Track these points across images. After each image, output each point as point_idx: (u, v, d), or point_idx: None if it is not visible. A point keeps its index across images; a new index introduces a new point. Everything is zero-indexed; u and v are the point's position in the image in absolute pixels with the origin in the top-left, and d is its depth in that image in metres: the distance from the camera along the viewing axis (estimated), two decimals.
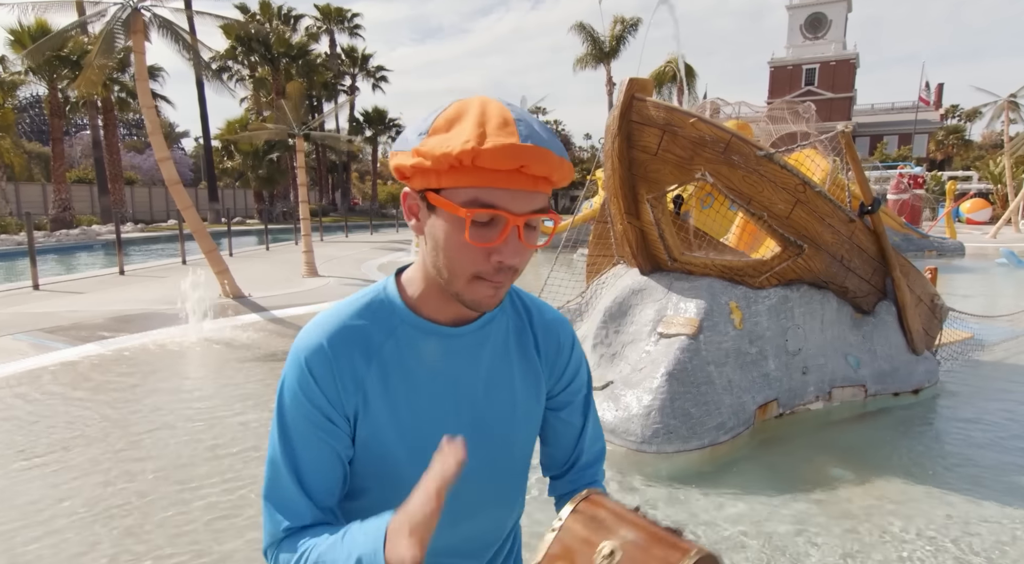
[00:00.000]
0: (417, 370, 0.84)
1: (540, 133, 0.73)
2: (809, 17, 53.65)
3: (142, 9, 8.25)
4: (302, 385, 0.81)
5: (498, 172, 0.70)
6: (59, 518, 2.93)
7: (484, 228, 0.74)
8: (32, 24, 23.04)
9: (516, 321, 0.94)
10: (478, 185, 0.71)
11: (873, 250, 4.49)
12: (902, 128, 52.94)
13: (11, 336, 6.51)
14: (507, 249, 0.74)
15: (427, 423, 0.85)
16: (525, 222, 0.74)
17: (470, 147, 0.68)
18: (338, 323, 0.83)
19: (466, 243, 0.74)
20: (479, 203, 0.72)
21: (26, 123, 43.50)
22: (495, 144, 0.69)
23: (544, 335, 0.96)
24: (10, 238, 19.46)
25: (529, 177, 0.72)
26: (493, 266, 0.75)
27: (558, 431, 1.02)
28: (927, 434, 4.16)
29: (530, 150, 0.70)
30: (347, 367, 0.81)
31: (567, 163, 0.75)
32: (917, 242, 16.63)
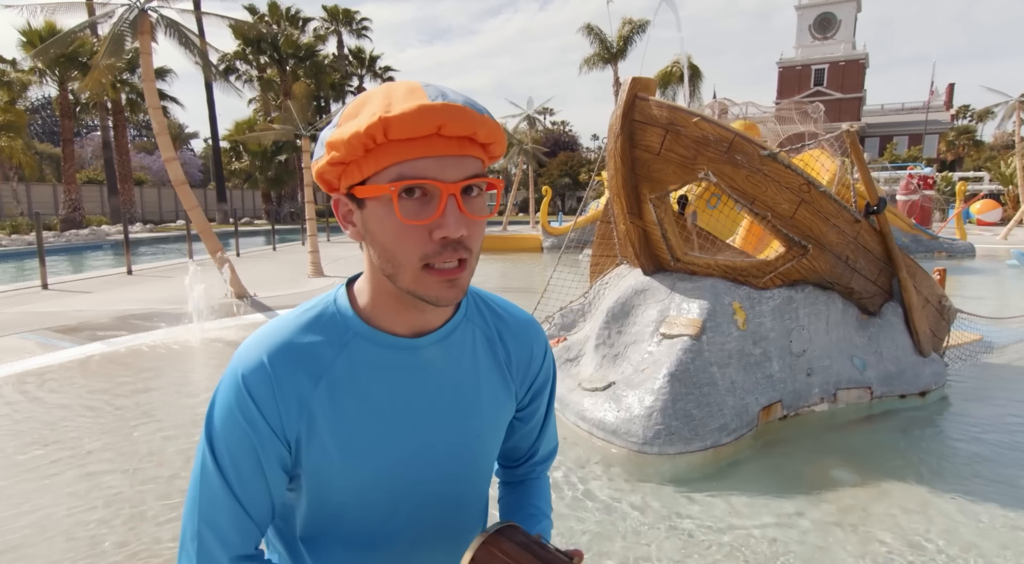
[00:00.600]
0: (372, 388, 0.77)
1: (453, 95, 0.68)
2: (818, 17, 53.38)
3: (149, 10, 8.31)
4: (240, 406, 0.73)
5: (415, 141, 0.66)
6: (63, 513, 2.94)
7: (417, 203, 0.68)
8: (42, 26, 23.29)
9: (484, 330, 0.88)
10: (399, 160, 0.66)
11: (879, 251, 4.44)
12: (912, 129, 52.54)
13: (18, 335, 6.56)
14: (448, 221, 0.67)
15: (383, 447, 0.78)
16: (461, 189, 0.68)
17: (377, 118, 0.64)
18: (282, 339, 0.75)
19: (402, 225, 0.68)
20: (403, 177, 0.67)
21: (38, 124, 43.93)
22: (403, 109, 0.64)
23: (515, 344, 0.90)
24: (21, 238, 19.65)
25: (452, 140, 0.67)
26: (438, 244, 0.68)
27: (518, 433, 0.98)
28: (934, 437, 4.11)
29: (442, 108, 0.65)
30: (291, 389, 0.74)
31: (492, 121, 0.69)
32: (927, 243, 16.47)
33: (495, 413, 0.87)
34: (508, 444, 1.00)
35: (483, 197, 0.72)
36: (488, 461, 0.90)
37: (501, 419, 0.89)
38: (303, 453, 0.76)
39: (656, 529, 2.88)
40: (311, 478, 0.78)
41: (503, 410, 0.89)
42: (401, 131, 0.64)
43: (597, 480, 3.37)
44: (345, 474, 0.77)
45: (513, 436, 0.98)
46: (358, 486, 0.79)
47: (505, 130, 20.48)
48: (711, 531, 2.86)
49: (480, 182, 0.70)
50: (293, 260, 15.00)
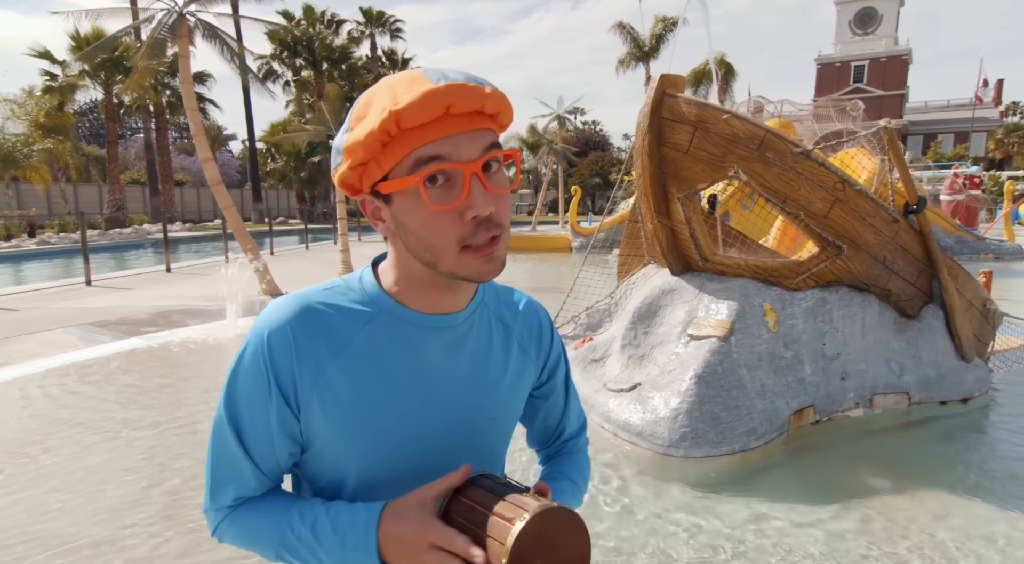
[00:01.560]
0: (392, 362, 0.79)
1: (454, 74, 0.69)
2: (859, 12, 51.90)
3: (187, 14, 8.54)
4: (258, 364, 0.75)
5: (427, 125, 0.67)
6: (106, 498, 3.04)
7: (442, 189, 0.69)
8: (90, 32, 24.21)
9: (497, 312, 0.90)
10: (416, 146, 0.68)
11: (919, 251, 4.28)
12: (958, 126, 50.69)
13: (62, 329, 6.82)
14: (475, 200, 0.69)
15: (396, 420, 0.79)
16: (482, 165, 0.69)
17: (387, 112, 0.66)
18: (307, 307, 0.77)
19: (432, 211, 0.69)
20: (423, 161, 0.68)
21: (85, 127, 45.61)
22: (409, 98, 0.65)
23: (526, 323, 0.93)
24: (68, 236, 20.42)
25: (462, 117, 0.68)
26: (471, 224, 0.69)
27: (543, 412, 1.00)
28: (975, 445, 3.94)
29: (447, 89, 0.66)
30: (309, 356, 0.75)
31: (496, 91, 0.70)
32: (972, 244, 15.86)
33: (511, 393, 0.89)
34: (536, 425, 1.03)
35: (502, 170, 0.74)
36: (500, 443, 0.91)
37: (517, 399, 0.90)
38: (315, 420, 0.77)
39: (680, 533, 2.82)
40: (325, 445, 0.79)
41: (520, 389, 0.90)
42: (412, 119, 0.66)
43: (621, 482, 3.32)
44: (357, 444, 0.79)
45: (538, 416, 1.00)
46: (368, 456, 0.79)
47: (535, 130, 20.39)
48: (736, 537, 2.79)
49: (498, 155, 0.71)
50: (325, 259, 15.25)
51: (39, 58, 25.01)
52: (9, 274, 14.27)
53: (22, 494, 3.15)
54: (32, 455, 3.61)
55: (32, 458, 3.58)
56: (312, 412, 0.76)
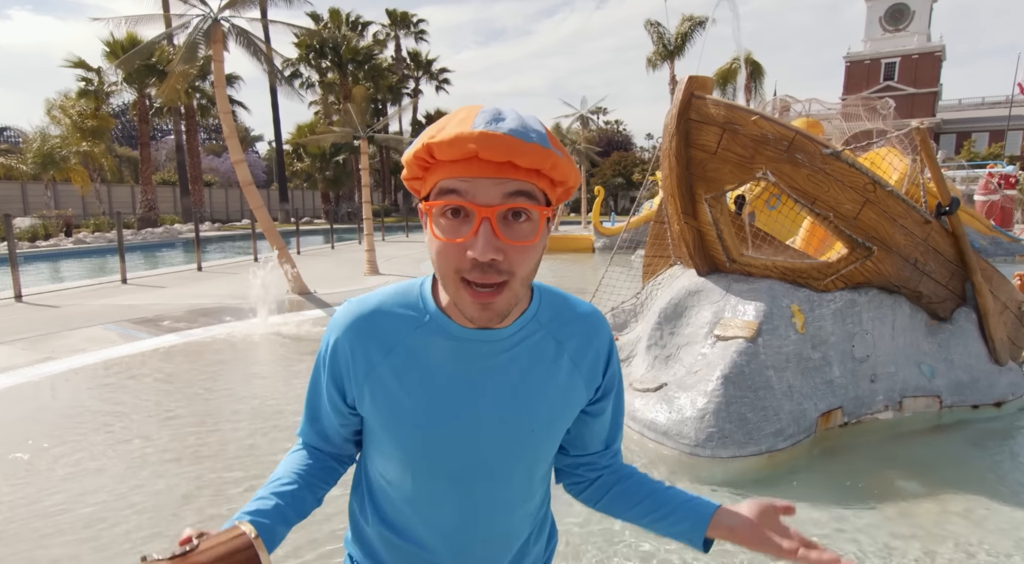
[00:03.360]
0: (434, 367, 0.85)
1: (505, 122, 0.71)
2: (890, 8, 50.76)
3: (221, 20, 8.76)
4: (327, 354, 0.90)
5: (456, 163, 0.71)
6: (146, 480, 3.18)
7: (457, 223, 0.73)
8: (124, 38, 24.87)
9: (552, 330, 0.90)
10: (442, 179, 0.73)
11: (951, 253, 4.23)
12: (994, 125, 49.28)
13: (102, 326, 7.05)
14: (477, 243, 0.71)
15: (433, 419, 0.85)
16: (498, 213, 0.71)
17: (423, 144, 0.72)
18: (372, 308, 0.88)
19: (441, 243, 0.73)
20: (442, 193, 0.73)
21: (118, 129, 46.84)
22: (444, 136, 0.70)
23: (585, 343, 0.92)
24: (103, 235, 21.02)
25: (490, 164, 0.70)
26: (469, 262, 0.72)
27: (590, 429, 1.00)
28: (1009, 450, 3.87)
29: (479, 136, 0.69)
30: (362, 354, 0.87)
31: (538, 148, 0.71)
32: (1007, 246, 15.46)
33: (553, 408, 0.89)
34: (583, 438, 1.01)
35: (530, 223, 0.74)
36: (539, 457, 0.92)
37: (560, 414, 0.91)
38: (367, 408, 0.89)
39: None
40: (374, 431, 0.91)
41: (566, 405, 0.91)
42: (441, 154, 0.71)
43: None
44: (397, 435, 0.88)
45: (586, 431, 0.99)
46: (406, 449, 0.88)
47: (559, 130, 20.29)
48: None
49: (522, 207, 0.72)
50: (350, 258, 15.47)
51: (75, 68, 25.76)
52: (48, 272, 14.76)
53: (78, 481, 3.30)
54: (77, 442, 3.78)
55: (79, 445, 3.74)
56: (364, 401, 0.88)
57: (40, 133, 23.74)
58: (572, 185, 0.78)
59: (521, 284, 0.76)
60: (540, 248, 0.77)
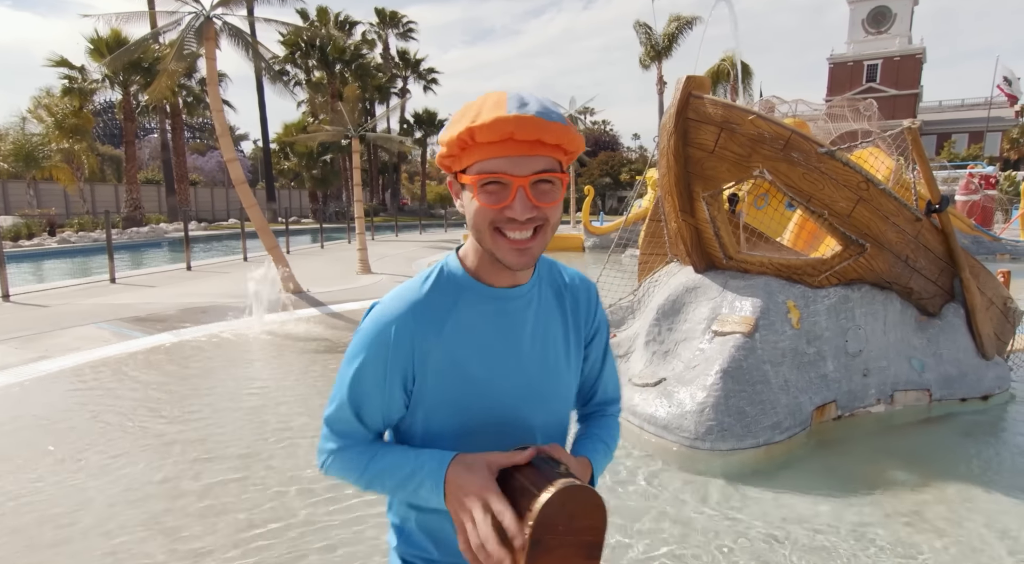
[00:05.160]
0: (479, 328, 0.98)
1: (531, 105, 0.85)
2: (872, 11, 51.47)
3: (214, 18, 8.70)
4: (380, 344, 0.95)
5: (493, 143, 0.85)
6: (143, 475, 3.18)
7: (495, 193, 0.88)
8: (108, 35, 24.55)
9: (554, 285, 1.09)
10: (483, 158, 0.87)
11: (941, 250, 4.34)
12: (973, 126, 50.18)
13: (95, 325, 6.99)
14: (516, 205, 0.87)
15: (487, 373, 0.98)
16: (530, 182, 0.87)
17: (464, 127, 0.85)
18: (417, 296, 0.97)
19: (480, 207, 0.89)
20: (484, 171, 0.87)
21: (99, 127, 46.16)
22: (483, 120, 0.84)
23: (578, 296, 1.11)
24: (87, 235, 20.74)
25: (522, 143, 0.85)
26: (506, 218, 0.88)
27: (583, 374, 1.16)
28: (995, 441, 3.99)
29: (515, 119, 0.83)
30: (423, 335, 0.95)
31: (559, 125, 0.86)
32: (988, 245, 15.77)
33: (568, 353, 1.07)
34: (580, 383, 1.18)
35: (556, 186, 0.90)
36: (568, 391, 1.09)
37: (573, 358, 1.08)
38: (429, 383, 0.96)
39: (708, 524, 2.91)
40: (427, 404, 0.98)
41: (574, 351, 1.09)
42: (482, 137, 0.85)
43: (648, 474, 3.41)
44: (460, 396, 0.97)
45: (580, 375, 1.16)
46: (465, 408, 0.98)
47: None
48: (764, 527, 2.87)
49: (549, 176, 0.88)
50: (341, 258, 15.42)
51: (57, 66, 25.34)
52: (32, 272, 14.55)
53: (72, 477, 3.29)
54: (78, 443, 3.76)
55: (80, 447, 3.72)
56: (427, 377, 0.96)
57: (15, 129, 23.33)
58: (580, 151, 0.94)
59: (552, 229, 0.92)
60: (561, 204, 0.93)
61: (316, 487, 3.19)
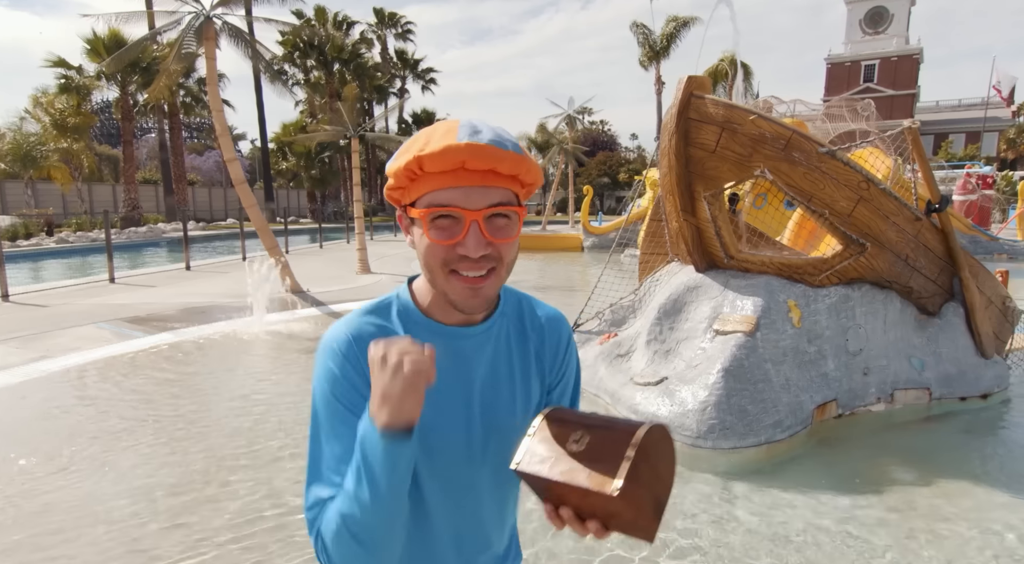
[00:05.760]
0: None
1: (484, 133, 0.79)
2: (869, 11, 51.61)
3: (214, 18, 8.70)
4: (337, 369, 0.86)
5: (445, 173, 0.79)
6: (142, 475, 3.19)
7: (447, 229, 0.81)
8: (105, 34, 24.50)
9: (517, 324, 1.00)
10: (433, 189, 0.80)
11: (940, 250, 4.37)
12: (970, 126, 50.31)
13: (95, 324, 6.99)
14: (469, 241, 0.80)
15: (440, 415, 0.89)
16: (484, 216, 0.80)
17: (412, 156, 0.78)
18: (361, 323, 0.89)
19: (431, 243, 0.82)
20: (434, 204, 0.80)
21: (97, 127, 46.03)
22: (433, 148, 0.77)
23: (543, 336, 1.02)
24: (85, 235, 20.70)
25: (475, 173, 0.79)
26: (458, 255, 0.81)
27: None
28: (995, 439, 4.02)
29: (466, 147, 0.76)
30: (360, 371, 0.85)
31: (514, 155, 0.80)
32: (986, 245, 15.84)
33: (527, 398, 0.98)
34: None
35: (512, 222, 0.83)
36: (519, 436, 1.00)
37: (532, 401, 1.00)
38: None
39: (710, 522, 2.93)
40: None
41: (533, 393, 1.00)
42: (432, 166, 0.78)
43: None
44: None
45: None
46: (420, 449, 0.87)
47: (545, 130, 20.31)
48: (766, 525, 2.89)
49: (505, 210, 0.81)
50: (340, 258, 15.42)
51: (55, 66, 25.28)
52: (30, 271, 14.52)
53: (74, 476, 3.30)
54: (80, 442, 3.77)
55: (80, 445, 3.73)
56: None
57: (13, 129, 23.27)
58: (537, 184, 0.87)
59: (507, 270, 0.86)
60: (517, 242, 0.87)
61: None
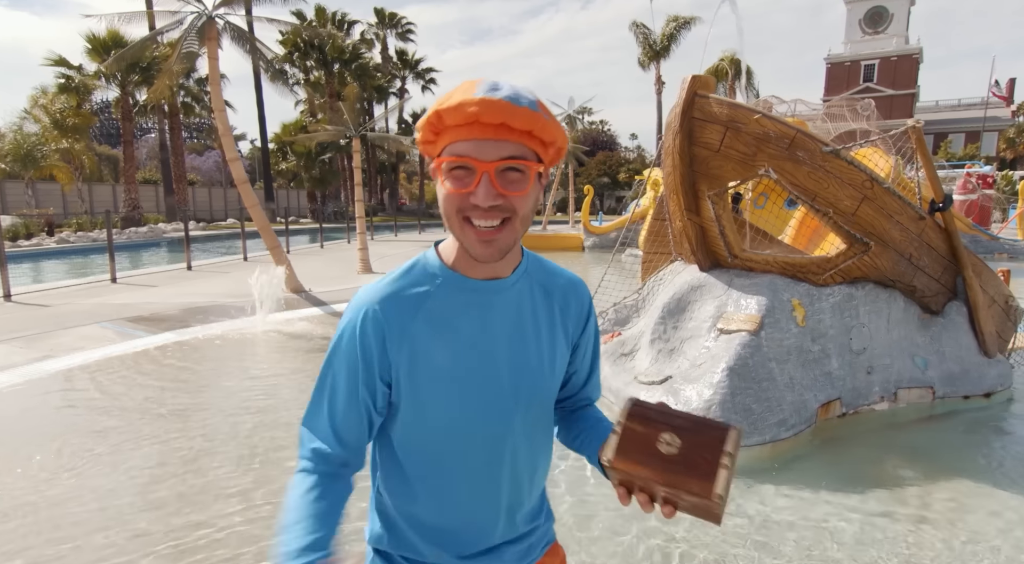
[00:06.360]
0: (457, 320, 0.96)
1: (502, 90, 0.84)
2: (869, 11, 51.63)
3: (216, 17, 8.70)
4: (354, 339, 0.94)
5: (460, 126, 0.84)
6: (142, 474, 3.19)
7: (461, 179, 0.86)
8: (106, 35, 24.49)
9: (541, 282, 1.06)
10: (452, 141, 0.85)
11: (944, 249, 4.37)
12: (969, 126, 50.35)
13: (98, 324, 6.99)
14: (480, 191, 0.85)
15: (469, 364, 0.96)
16: (496, 168, 0.84)
17: (433, 111, 0.85)
18: (388, 287, 0.96)
19: (449, 192, 0.87)
20: (449, 154, 0.86)
21: (96, 127, 46.02)
22: (451, 102, 0.83)
23: (571, 298, 1.08)
24: (86, 235, 20.70)
25: (488, 126, 0.83)
26: (471, 204, 0.86)
27: (568, 374, 1.14)
28: (998, 438, 4.03)
29: (479, 101, 0.81)
30: (395, 323, 0.94)
31: (528, 111, 0.83)
32: (986, 244, 15.85)
33: (552, 347, 1.04)
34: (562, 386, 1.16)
35: (524, 175, 0.87)
36: (548, 391, 1.05)
37: (559, 353, 1.05)
38: (404, 372, 0.95)
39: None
40: (406, 394, 0.96)
41: (560, 345, 1.05)
42: (449, 119, 0.83)
43: None
44: (435, 386, 0.96)
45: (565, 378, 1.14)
46: (443, 397, 0.96)
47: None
48: (771, 523, 2.90)
49: (517, 164, 0.85)
50: (341, 257, 15.42)
51: (55, 66, 25.26)
52: (31, 271, 14.52)
53: (75, 475, 3.30)
54: (85, 441, 3.77)
55: (85, 444, 3.73)
56: (402, 366, 0.94)
57: (14, 129, 23.26)
58: (561, 145, 0.91)
59: (521, 223, 0.89)
60: (533, 196, 0.90)
61: None
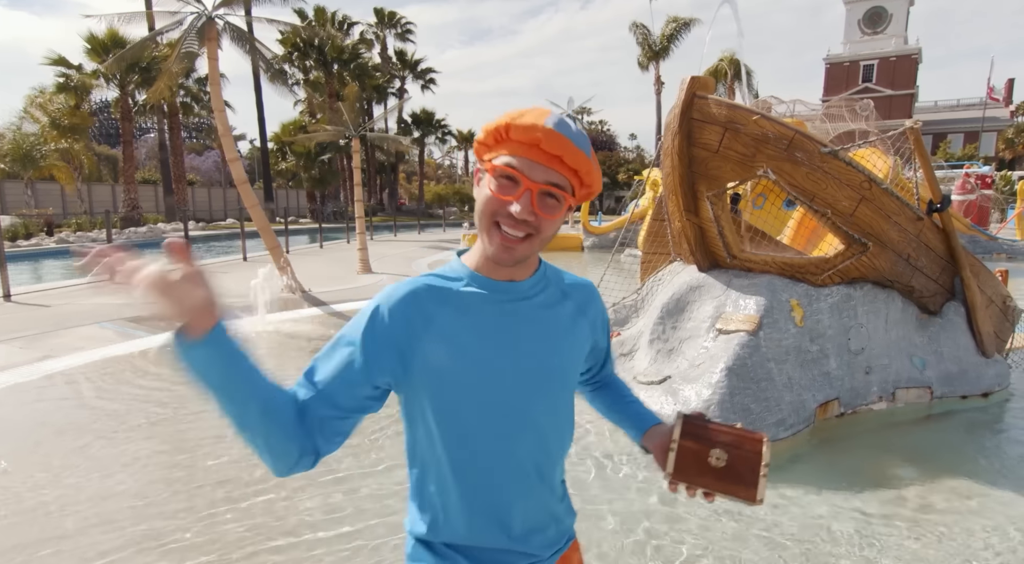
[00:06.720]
0: (480, 316, 1.05)
1: (567, 126, 0.97)
2: (868, 11, 51.67)
3: (216, 18, 8.71)
4: (370, 324, 1.01)
5: (521, 144, 0.95)
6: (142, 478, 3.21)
7: (506, 187, 0.97)
8: (105, 35, 24.48)
9: (557, 285, 1.16)
10: (510, 153, 0.96)
11: (942, 249, 4.39)
12: (968, 126, 50.41)
13: (98, 324, 7.00)
14: (520, 204, 0.96)
15: (487, 359, 1.03)
16: (539, 190, 0.96)
17: (504, 123, 0.96)
18: (417, 279, 1.07)
19: (490, 194, 0.98)
20: (503, 163, 0.97)
21: (95, 127, 45.98)
22: (523, 122, 0.95)
23: (587, 299, 1.20)
24: (85, 235, 20.69)
25: (544, 153, 0.95)
26: (507, 212, 0.96)
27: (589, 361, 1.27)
28: (996, 438, 4.05)
29: (547, 131, 0.94)
30: (420, 310, 1.02)
31: (583, 155, 0.96)
32: (985, 244, 15.89)
33: (573, 345, 1.14)
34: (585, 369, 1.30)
35: (559, 203, 0.99)
36: (567, 387, 1.14)
37: (578, 351, 1.16)
38: (428, 358, 1.01)
39: (712, 521, 2.95)
40: (433, 377, 1.02)
41: (580, 343, 1.16)
42: (516, 135, 0.95)
43: (653, 472, 3.45)
44: (457, 376, 1.03)
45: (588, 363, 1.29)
46: (464, 387, 1.03)
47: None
48: (767, 524, 2.91)
49: (556, 192, 0.97)
50: (341, 258, 15.42)
51: (54, 65, 25.25)
52: (30, 272, 14.52)
53: (89, 472, 3.32)
54: (86, 441, 3.78)
55: (86, 445, 3.74)
56: (426, 353, 1.01)
57: (13, 129, 23.26)
58: (595, 190, 1.03)
59: (541, 242, 1.01)
60: (558, 223, 1.02)
61: (324, 480, 3.22)
